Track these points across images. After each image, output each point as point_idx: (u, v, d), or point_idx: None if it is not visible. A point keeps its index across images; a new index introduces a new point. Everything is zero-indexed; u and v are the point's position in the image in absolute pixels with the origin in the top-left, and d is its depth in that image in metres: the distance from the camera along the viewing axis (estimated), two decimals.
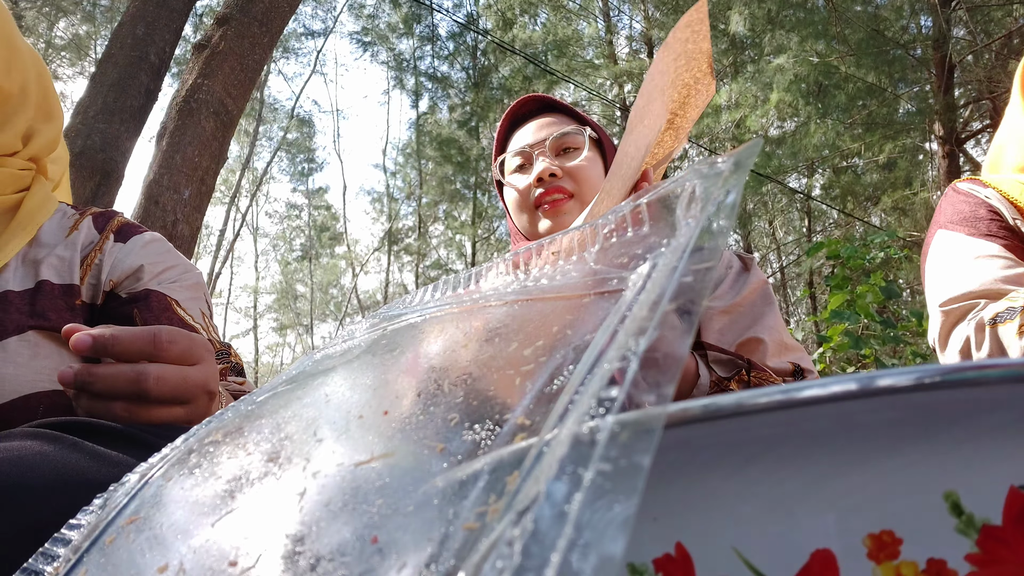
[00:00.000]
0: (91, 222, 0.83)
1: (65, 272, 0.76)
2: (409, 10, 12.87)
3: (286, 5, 3.86)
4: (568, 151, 1.00)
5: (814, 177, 10.84)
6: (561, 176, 0.97)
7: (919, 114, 8.41)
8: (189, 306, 0.81)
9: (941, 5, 7.12)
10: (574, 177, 0.97)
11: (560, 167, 0.97)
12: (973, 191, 1.02)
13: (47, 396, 0.69)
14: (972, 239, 0.95)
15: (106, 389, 0.52)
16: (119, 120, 3.17)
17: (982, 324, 0.84)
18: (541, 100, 1.08)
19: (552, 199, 0.96)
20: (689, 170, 0.31)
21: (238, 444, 0.33)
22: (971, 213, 0.98)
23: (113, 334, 0.52)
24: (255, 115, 15.91)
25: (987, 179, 1.04)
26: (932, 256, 1.01)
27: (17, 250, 0.73)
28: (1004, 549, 0.19)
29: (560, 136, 0.99)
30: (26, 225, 0.75)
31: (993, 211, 0.97)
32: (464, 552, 0.19)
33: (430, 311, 0.40)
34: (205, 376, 0.57)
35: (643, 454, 0.17)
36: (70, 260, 0.77)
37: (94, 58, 11.43)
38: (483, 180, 12.71)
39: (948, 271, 0.95)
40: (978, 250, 0.93)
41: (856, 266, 3.67)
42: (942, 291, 0.93)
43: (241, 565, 0.24)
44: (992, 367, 0.20)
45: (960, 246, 0.96)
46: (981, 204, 0.99)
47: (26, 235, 0.74)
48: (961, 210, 1.00)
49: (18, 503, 0.38)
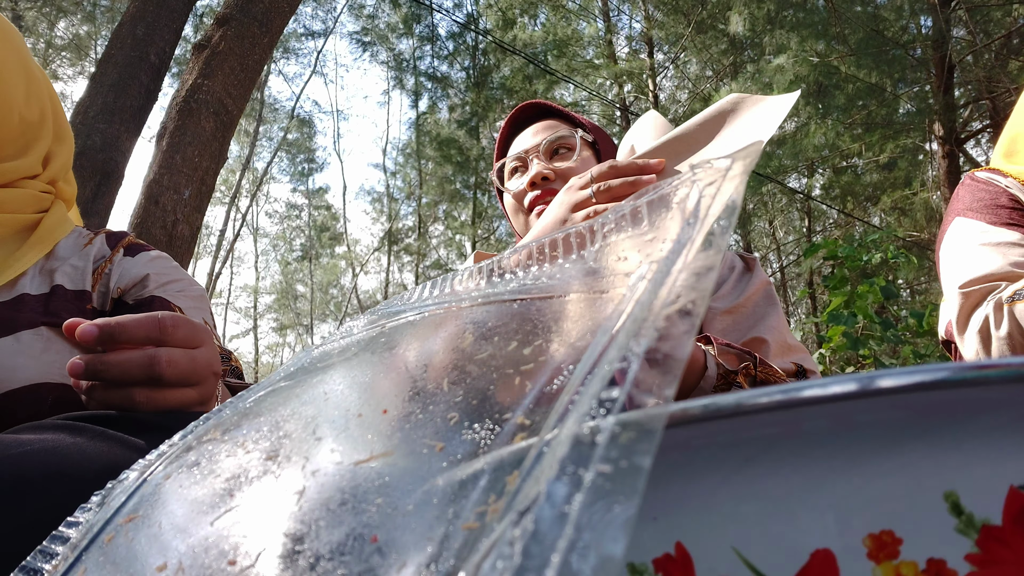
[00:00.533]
0: (104, 239, 0.89)
1: (78, 279, 0.81)
2: (409, 10, 12.87)
3: (286, 5, 3.86)
4: (562, 153, 1.02)
5: (814, 177, 10.84)
6: (554, 179, 0.99)
7: (919, 114, 8.41)
8: (192, 314, 0.84)
9: (941, 5, 7.12)
10: (566, 179, 0.98)
11: (553, 169, 0.99)
12: (993, 180, 1.01)
13: (56, 388, 0.71)
14: (992, 227, 0.94)
15: (120, 375, 0.52)
16: (119, 120, 3.17)
17: (1000, 303, 0.83)
18: (538, 106, 1.11)
19: (545, 202, 0.98)
20: (690, 170, 0.31)
21: (237, 442, 0.33)
22: (991, 201, 0.97)
23: (118, 322, 0.53)
24: (255, 115, 15.91)
25: (1007, 168, 1.02)
26: (949, 241, 0.99)
27: (34, 261, 0.77)
28: (1004, 549, 0.19)
29: (553, 139, 1.02)
30: (44, 239, 0.80)
31: (1014, 199, 0.96)
32: (464, 552, 0.19)
33: (429, 309, 0.40)
34: (210, 357, 0.58)
35: (644, 455, 0.17)
36: (83, 269, 0.82)
37: (94, 58, 11.43)
38: (483, 180, 12.71)
39: (967, 255, 0.94)
40: (998, 237, 0.92)
41: (854, 267, 3.67)
42: (961, 274, 0.92)
43: (240, 564, 0.24)
44: (992, 367, 0.20)
45: (979, 232, 0.95)
46: (1002, 193, 0.98)
47: (43, 248, 0.79)
48: (981, 198, 0.99)
49: (59, 491, 0.39)
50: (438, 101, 13.66)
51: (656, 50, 11.14)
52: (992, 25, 8.14)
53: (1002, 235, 0.92)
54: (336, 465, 0.27)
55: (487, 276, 0.39)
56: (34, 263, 0.78)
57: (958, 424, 0.21)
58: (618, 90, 11.20)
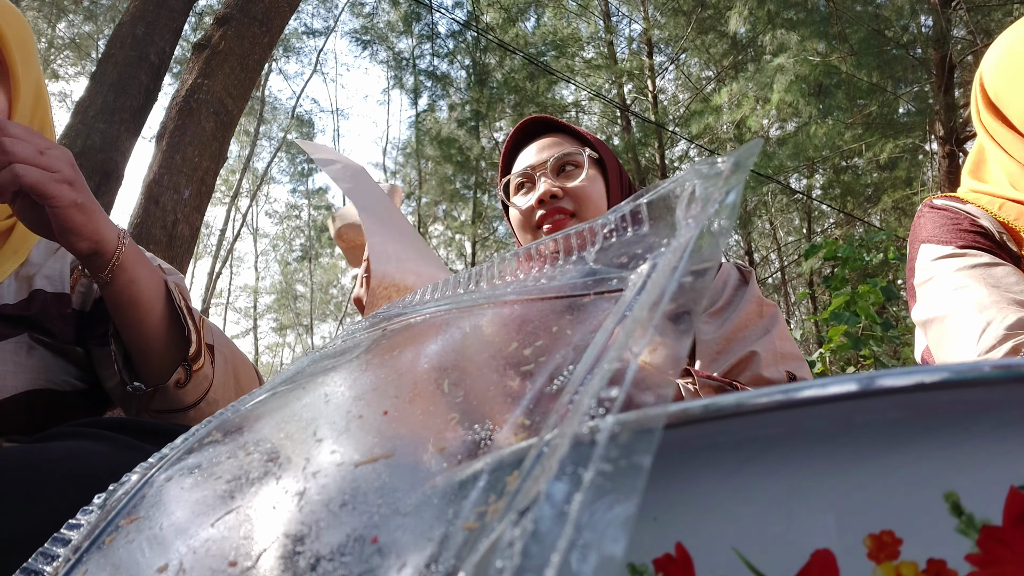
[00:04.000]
0: None
1: (57, 282, 0.82)
2: (408, 9, 12.86)
3: (286, 5, 3.86)
4: (569, 170, 1.03)
5: (814, 177, 10.84)
6: (562, 196, 0.99)
7: (919, 114, 8.41)
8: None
9: (942, 5, 7.12)
10: (575, 197, 1.00)
11: (561, 187, 1.00)
12: (951, 207, 0.99)
13: (45, 393, 0.73)
14: (959, 250, 0.91)
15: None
16: (119, 120, 3.17)
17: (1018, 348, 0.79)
18: (544, 121, 1.10)
19: (554, 220, 0.99)
20: (689, 170, 0.31)
21: (238, 444, 0.33)
22: (953, 226, 0.95)
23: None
24: (255, 115, 15.91)
25: (966, 195, 1.00)
26: (921, 270, 0.96)
27: (11, 271, 0.78)
28: (1004, 549, 0.19)
29: (561, 157, 1.02)
30: (18, 248, 0.80)
31: (975, 224, 0.94)
32: (464, 552, 0.19)
33: (429, 311, 0.40)
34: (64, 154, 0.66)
35: (643, 454, 0.17)
36: (60, 271, 0.83)
37: (95, 57, 11.42)
38: (483, 180, 12.71)
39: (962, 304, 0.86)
40: (971, 260, 0.89)
41: (855, 267, 3.67)
42: (971, 335, 0.84)
43: (241, 565, 0.24)
44: (992, 367, 0.20)
45: (947, 255, 0.91)
46: (963, 218, 0.96)
47: (19, 258, 0.79)
48: (942, 223, 0.97)
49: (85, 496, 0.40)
50: (438, 100, 13.67)
51: (656, 52, 11.15)
52: (992, 25, 8.14)
53: (973, 257, 0.89)
54: (337, 466, 0.27)
55: (487, 278, 0.39)
56: (10, 273, 0.79)
57: (958, 424, 0.21)
58: (618, 90, 11.20)
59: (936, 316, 0.91)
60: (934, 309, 0.92)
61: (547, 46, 11.50)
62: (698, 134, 9.93)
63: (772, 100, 7.80)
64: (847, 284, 3.61)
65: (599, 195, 1.02)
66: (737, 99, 8.73)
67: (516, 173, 1.07)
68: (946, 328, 0.89)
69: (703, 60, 10.87)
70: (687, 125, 10.19)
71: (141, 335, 0.74)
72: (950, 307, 0.89)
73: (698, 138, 10.11)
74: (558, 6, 11.74)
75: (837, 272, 3.73)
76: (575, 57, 11.53)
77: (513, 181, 1.08)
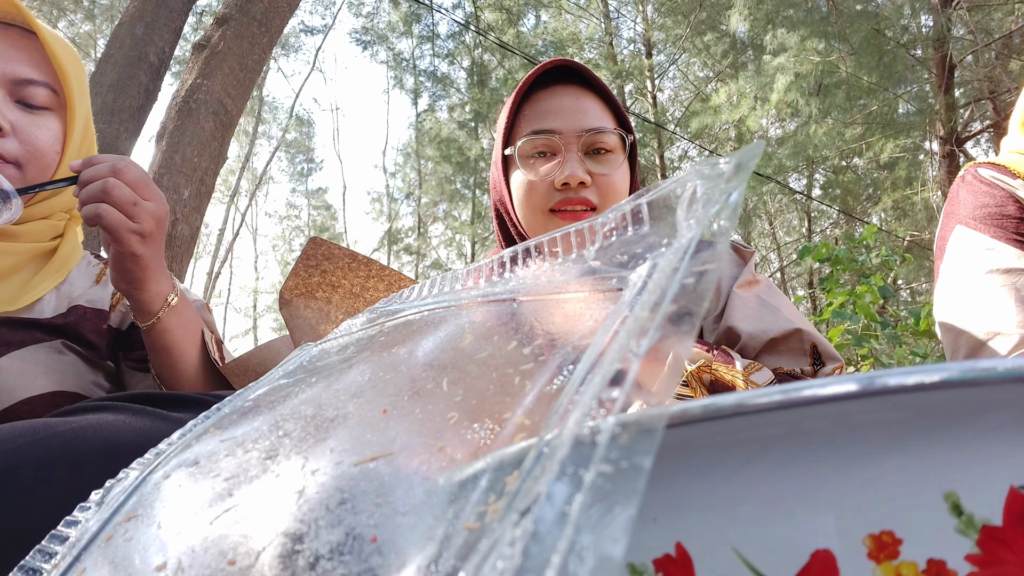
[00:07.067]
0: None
1: (98, 303, 0.87)
2: (408, 9, 12.87)
3: (285, 5, 3.86)
4: (600, 153, 0.86)
5: (814, 177, 10.85)
6: (589, 186, 0.84)
7: (919, 114, 8.41)
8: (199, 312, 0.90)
9: (942, 5, 7.11)
10: (602, 189, 0.85)
11: (590, 173, 0.84)
12: (998, 181, 0.89)
13: (71, 396, 0.77)
14: (998, 243, 0.85)
15: (86, 197, 0.68)
16: (118, 120, 3.16)
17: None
18: (573, 70, 0.89)
19: (574, 210, 0.84)
20: (691, 170, 0.31)
21: (236, 441, 0.33)
22: (997, 210, 0.87)
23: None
24: (255, 114, 15.90)
25: (1015, 163, 0.90)
26: (952, 258, 0.89)
27: (51, 288, 0.83)
28: (1004, 550, 0.19)
29: (595, 131, 0.85)
30: (59, 268, 0.85)
31: (1021, 206, 0.86)
32: (464, 552, 0.19)
33: (428, 307, 0.40)
34: (157, 209, 0.71)
35: (644, 455, 0.17)
36: (102, 296, 0.88)
37: (94, 57, 11.41)
38: (483, 180, 12.71)
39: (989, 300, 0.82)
40: (1006, 261, 0.83)
41: (851, 268, 3.68)
42: (989, 324, 0.82)
43: (240, 563, 0.23)
44: (992, 367, 0.20)
45: (984, 250, 0.85)
46: (1008, 198, 0.87)
47: (59, 276, 0.84)
48: (984, 203, 0.88)
49: (107, 464, 0.41)
50: (438, 100, 13.67)
51: (656, 52, 11.15)
52: (992, 25, 8.14)
53: (1009, 258, 0.83)
54: (336, 465, 0.27)
55: (486, 275, 0.39)
56: (50, 290, 0.83)
57: (958, 424, 0.21)
58: (618, 90, 11.20)
59: (955, 326, 0.87)
60: (954, 316, 0.87)
61: (547, 46, 11.50)
62: (697, 133, 9.93)
63: (772, 100, 7.80)
64: (839, 285, 3.62)
65: (624, 193, 0.87)
66: (736, 99, 8.73)
67: (538, 131, 0.85)
68: (960, 346, 0.86)
69: (702, 60, 10.88)
70: (687, 125, 10.20)
71: (173, 376, 0.79)
72: (970, 322, 0.84)
73: (697, 138, 10.11)
74: (558, 6, 11.74)
75: (834, 273, 3.73)
76: (575, 57, 11.53)
77: (530, 140, 0.86)
